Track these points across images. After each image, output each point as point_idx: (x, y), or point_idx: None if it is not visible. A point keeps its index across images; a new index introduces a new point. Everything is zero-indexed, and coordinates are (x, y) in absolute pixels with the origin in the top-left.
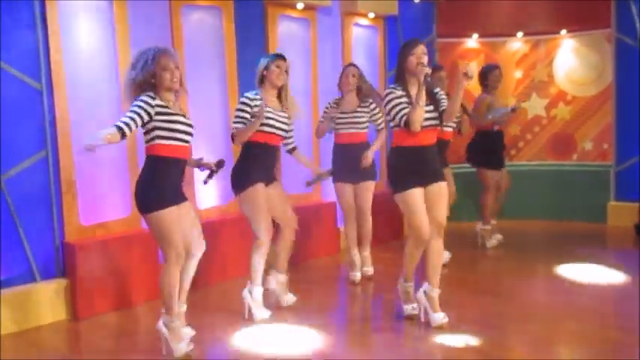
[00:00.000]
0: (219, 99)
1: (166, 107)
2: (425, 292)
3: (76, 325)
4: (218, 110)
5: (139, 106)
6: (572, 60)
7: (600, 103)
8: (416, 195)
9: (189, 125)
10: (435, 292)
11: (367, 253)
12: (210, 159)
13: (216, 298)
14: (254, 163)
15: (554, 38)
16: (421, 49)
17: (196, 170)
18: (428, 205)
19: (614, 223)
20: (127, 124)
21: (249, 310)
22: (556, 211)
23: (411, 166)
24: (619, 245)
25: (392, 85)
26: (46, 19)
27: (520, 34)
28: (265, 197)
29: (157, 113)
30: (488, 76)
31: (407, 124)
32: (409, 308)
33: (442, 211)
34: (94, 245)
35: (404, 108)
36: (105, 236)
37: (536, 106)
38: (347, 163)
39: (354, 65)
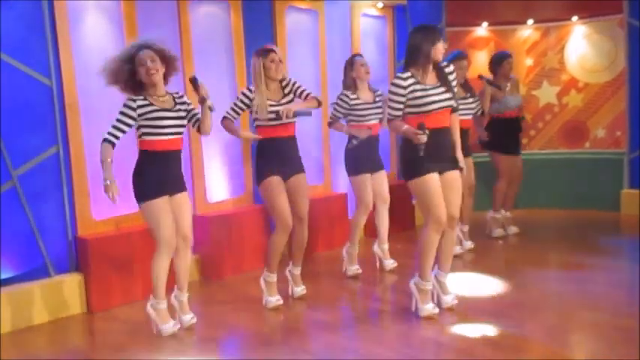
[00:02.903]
0: (228, 92)
1: (149, 104)
2: (435, 276)
3: (91, 319)
4: (227, 103)
5: (122, 114)
6: (583, 47)
7: (613, 89)
8: (433, 179)
9: (179, 118)
10: (445, 277)
11: (387, 245)
12: (218, 153)
13: (228, 290)
14: (267, 157)
15: (565, 25)
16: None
17: (207, 164)
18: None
19: (628, 212)
20: (114, 135)
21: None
22: (569, 200)
23: (427, 149)
24: (633, 233)
25: (399, 74)
26: (55, 16)
27: (530, 22)
28: (281, 189)
29: (140, 115)
30: (503, 63)
31: (388, 122)
32: (430, 307)
33: (455, 202)
34: (107, 239)
35: (397, 109)
36: (117, 230)
37: (547, 93)
38: (369, 154)
39: (360, 55)
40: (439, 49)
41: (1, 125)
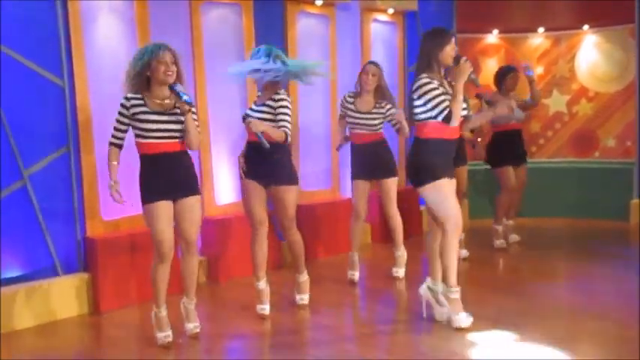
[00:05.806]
0: (239, 96)
1: (142, 105)
2: (427, 286)
3: (98, 319)
4: (238, 107)
5: (118, 114)
6: (594, 56)
7: (624, 99)
8: (448, 183)
9: (172, 122)
10: (441, 287)
11: (400, 252)
12: (227, 156)
13: (232, 292)
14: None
15: (576, 34)
16: (453, 40)
17: (215, 166)
18: None
19: (637, 222)
20: (114, 136)
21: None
22: (577, 209)
23: (442, 158)
24: None
25: (426, 75)
26: (68, 16)
27: (541, 30)
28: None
29: (132, 114)
30: (506, 78)
31: (447, 118)
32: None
33: None
34: (115, 240)
35: (444, 101)
36: (126, 231)
37: (557, 102)
38: (364, 161)
39: (375, 64)
40: (447, 53)
41: (12, 124)
